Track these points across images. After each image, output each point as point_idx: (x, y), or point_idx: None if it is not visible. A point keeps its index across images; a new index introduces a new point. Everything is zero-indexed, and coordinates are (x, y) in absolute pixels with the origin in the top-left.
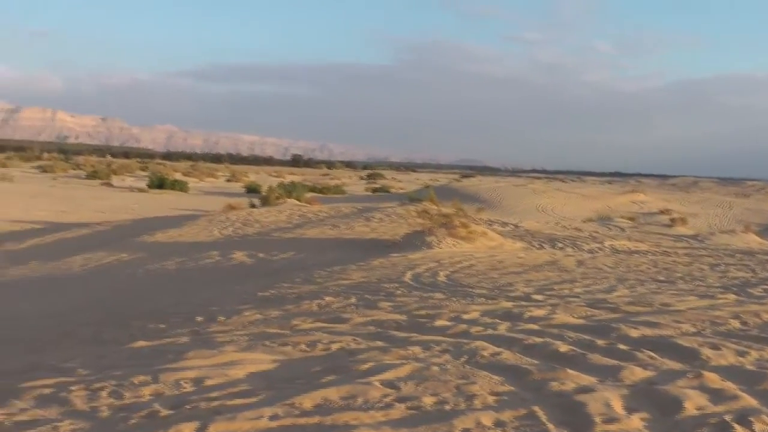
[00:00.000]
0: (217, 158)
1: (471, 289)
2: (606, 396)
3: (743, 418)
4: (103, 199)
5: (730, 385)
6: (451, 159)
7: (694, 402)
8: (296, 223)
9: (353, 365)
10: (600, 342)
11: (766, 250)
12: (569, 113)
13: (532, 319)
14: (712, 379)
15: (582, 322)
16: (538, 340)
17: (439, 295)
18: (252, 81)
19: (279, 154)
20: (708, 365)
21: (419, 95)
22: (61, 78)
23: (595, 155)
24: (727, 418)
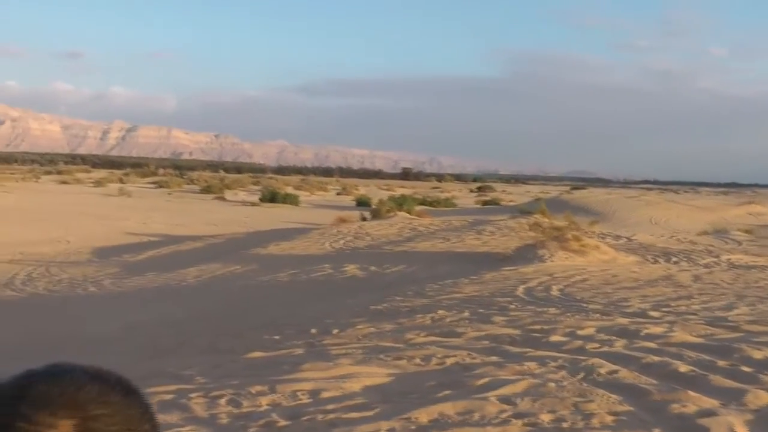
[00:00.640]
0: (327, 172)
1: (585, 304)
2: (730, 421)
3: None
4: (216, 212)
5: None
6: (562, 170)
7: None
8: (407, 236)
9: (468, 380)
10: (721, 363)
11: None
12: (682, 121)
13: (649, 337)
14: None
15: (701, 341)
16: (656, 358)
17: (553, 310)
18: (362, 95)
19: (389, 167)
20: None
21: (529, 107)
22: (176, 97)
23: (710, 165)
24: None
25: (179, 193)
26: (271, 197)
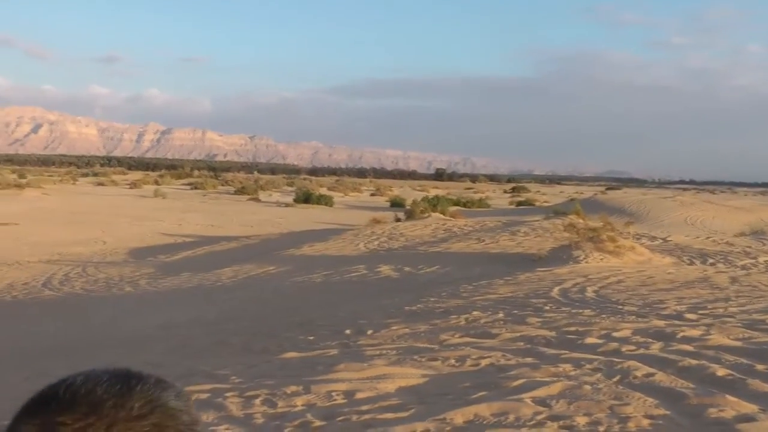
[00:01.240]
0: (361, 173)
1: (620, 306)
2: None
3: None
4: (250, 213)
5: None
6: (596, 171)
7: None
8: (441, 237)
9: (503, 381)
10: (760, 367)
11: None
12: (719, 120)
13: (686, 340)
14: None
15: (739, 344)
16: (693, 362)
17: (588, 312)
18: (395, 96)
19: (422, 168)
20: None
21: (563, 107)
22: (210, 99)
23: (747, 164)
24: None
25: (214, 194)
26: (305, 198)
